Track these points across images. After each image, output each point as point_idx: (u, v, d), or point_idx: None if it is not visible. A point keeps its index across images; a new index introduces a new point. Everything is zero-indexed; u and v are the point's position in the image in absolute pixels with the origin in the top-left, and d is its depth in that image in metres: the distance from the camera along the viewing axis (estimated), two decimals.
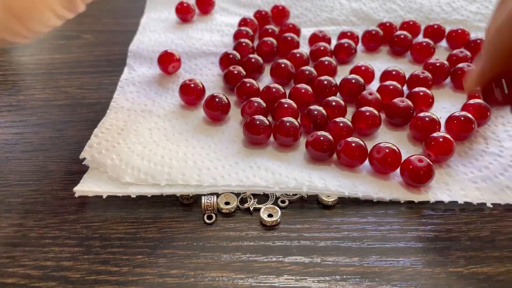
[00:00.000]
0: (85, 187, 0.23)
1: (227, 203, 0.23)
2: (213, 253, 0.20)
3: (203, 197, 0.22)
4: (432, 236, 0.21)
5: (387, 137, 0.27)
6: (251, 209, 0.22)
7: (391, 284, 0.19)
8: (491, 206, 0.23)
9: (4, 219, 0.22)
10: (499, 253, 0.20)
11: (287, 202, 0.23)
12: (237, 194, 0.23)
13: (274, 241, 0.21)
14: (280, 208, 0.22)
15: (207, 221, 0.22)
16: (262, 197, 0.23)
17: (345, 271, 0.19)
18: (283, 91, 0.29)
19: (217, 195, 0.23)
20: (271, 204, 0.23)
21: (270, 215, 0.22)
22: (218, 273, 0.19)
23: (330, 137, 0.25)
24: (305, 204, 0.23)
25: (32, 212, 0.22)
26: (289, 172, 0.24)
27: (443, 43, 0.35)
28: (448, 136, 0.25)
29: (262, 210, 0.22)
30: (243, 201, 0.23)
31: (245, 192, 0.23)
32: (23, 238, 0.21)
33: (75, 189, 0.23)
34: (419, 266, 0.20)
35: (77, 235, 0.21)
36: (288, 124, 0.25)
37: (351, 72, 0.31)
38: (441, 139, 0.24)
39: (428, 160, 0.23)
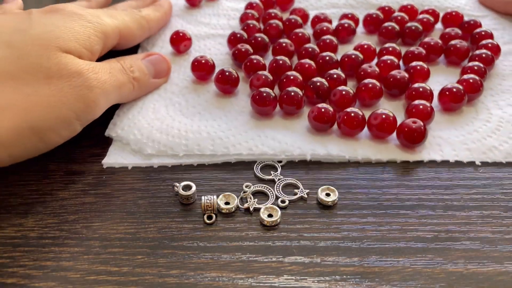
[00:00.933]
0: (112, 159, 0.25)
1: (227, 203, 0.23)
2: (213, 253, 0.20)
3: (203, 197, 0.22)
4: (432, 236, 0.21)
5: (385, 107, 0.29)
6: (251, 209, 0.22)
7: (391, 284, 0.19)
8: (479, 164, 0.25)
9: (4, 219, 0.22)
10: (499, 253, 0.20)
11: (287, 202, 0.23)
12: (237, 194, 0.23)
13: (274, 241, 0.21)
14: (280, 208, 0.22)
15: (207, 221, 0.22)
16: (262, 197, 0.23)
17: (345, 271, 0.19)
18: (289, 63, 0.31)
19: (217, 195, 0.23)
20: (271, 204, 0.23)
21: (270, 215, 0.22)
22: (218, 273, 0.19)
23: (330, 109, 0.27)
24: (305, 204, 0.23)
25: (32, 212, 0.22)
26: (294, 141, 0.26)
27: (439, 25, 0.37)
28: (426, 103, 0.27)
29: (262, 210, 0.22)
30: (243, 201, 0.23)
31: (246, 192, 0.23)
32: (23, 238, 0.21)
33: (104, 161, 0.25)
34: (419, 266, 0.20)
35: (77, 235, 0.21)
36: (292, 93, 0.28)
37: (354, 49, 0.33)
38: (421, 106, 0.27)
39: (421, 122, 0.25)
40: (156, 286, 0.19)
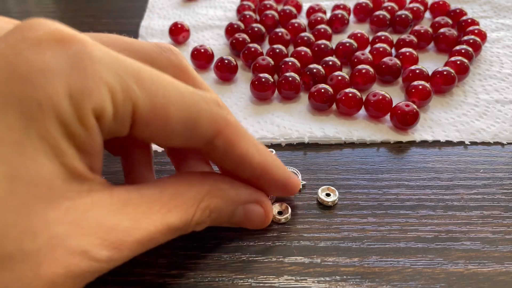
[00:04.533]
0: None
1: None
2: (213, 253, 0.20)
3: None
4: (432, 236, 0.21)
5: None
6: None
7: (391, 284, 0.19)
8: (468, 143, 0.26)
9: None
10: (499, 253, 0.20)
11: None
12: None
13: (274, 241, 0.21)
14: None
15: None
16: None
17: (345, 271, 0.19)
18: (286, 51, 0.33)
19: None
20: (272, 202, 0.23)
21: (280, 212, 0.22)
22: (218, 273, 0.19)
23: (330, 89, 0.28)
24: (305, 204, 0.23)
25: None
26: (292, 125, 0.28)
27: (427, 14, 0.40)
28: (426, 84, 0.28)
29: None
30: None
31: None
32: None
33: None
34: (419, 266, 0.20)
35: None
36: (290, 78, 0.29)
37: (348, 38, 0.35)
38: (420, 86, 0.28)
39: (413, 105, 0.27)
40: (156, 286, 0.19)
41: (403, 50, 0.32)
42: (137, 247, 0.15)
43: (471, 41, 0.33)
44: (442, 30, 0.35)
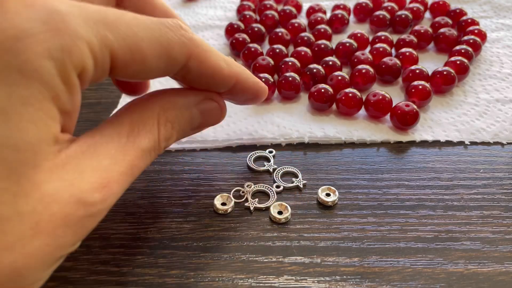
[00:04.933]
0: None
1: (223, 204, 0.23)
2: (213, 253, 0.20)
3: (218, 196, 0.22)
4: (432, 236, 0.21)
5: None
6: (251, 208, 0.22)
7: (391, 284, 0.19)
8: (468, 143, 0.26)
9: None
10: (499, 253, 0.20)
11: (281, 187, 0.23)
12: (235, 195, 0.23)
13: (274, 241, 0.21)
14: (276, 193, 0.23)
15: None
16: (263, 197, 0.23)
17: (345, 271, 0.19)
18: (286, 51, 0.33)
19: (215, 195, 0.23)
20: (272, 203, 0.23)
21: (280, 212, 0.22)
22: (218, 273, 0.19)
23: (330, 89, 0.28)
24: (305, 204, 0.23)
25: None
26: (292, 125, 0.28)
27: (427, 14, 0.40)
28: (426, 84, 0.29)
29: (271, 207, 0.22)
30: (240, 197, 0.23)
31: (244, 192, 0.23)
32: None
33: None
34: (419, 266, 0.20)
35: None
36: (290, 78, 0.29)
37: (348, 38, 0.35)
38: (420, 86, 0.28)
39: (413, 105, 0.27)
40: (156, 286, 0.19)
41: (403, 50, 0.33)
42: (124, 179, 0.16)
43: (471, 41, 0.33)
44: (442, 30, 0.35)
